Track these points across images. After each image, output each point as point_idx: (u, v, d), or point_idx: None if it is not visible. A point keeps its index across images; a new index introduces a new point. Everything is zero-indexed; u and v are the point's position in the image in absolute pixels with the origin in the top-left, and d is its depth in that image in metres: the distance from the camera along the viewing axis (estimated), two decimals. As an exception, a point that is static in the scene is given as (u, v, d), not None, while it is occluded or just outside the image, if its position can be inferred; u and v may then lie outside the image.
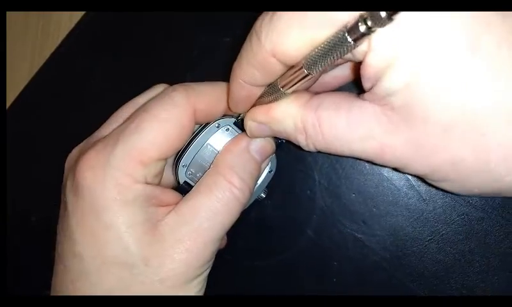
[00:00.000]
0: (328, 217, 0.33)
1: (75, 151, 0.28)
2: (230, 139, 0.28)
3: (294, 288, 0.34)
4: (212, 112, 0.27)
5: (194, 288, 0.26)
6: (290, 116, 0.24)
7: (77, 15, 0.39)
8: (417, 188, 0.31)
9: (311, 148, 0.25)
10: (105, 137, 0.26)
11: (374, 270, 0.32)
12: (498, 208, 0.30)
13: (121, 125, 0.27)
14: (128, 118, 0.27)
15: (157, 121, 0.25)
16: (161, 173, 0.27)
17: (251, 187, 0.27)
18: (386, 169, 0.32)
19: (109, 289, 0.25)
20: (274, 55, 0.22)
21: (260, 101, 0.26)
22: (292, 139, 0.25)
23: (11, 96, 0.41)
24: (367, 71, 0.20)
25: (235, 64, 0.25)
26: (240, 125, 0.28)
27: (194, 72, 0.35)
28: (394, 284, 0.32)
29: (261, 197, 0.32)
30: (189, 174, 0.28)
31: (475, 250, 0.31)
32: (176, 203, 0.26)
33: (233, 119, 0.28)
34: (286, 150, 0.33)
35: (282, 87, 0.23)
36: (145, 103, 0.27)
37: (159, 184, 0.27)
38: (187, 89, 0.26)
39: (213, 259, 0.27)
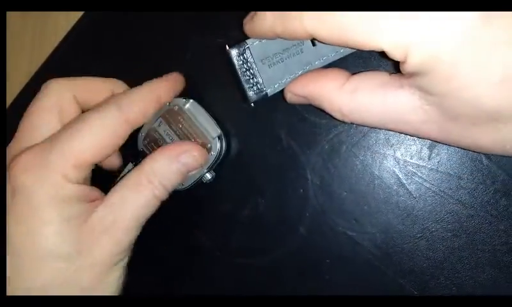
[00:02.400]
0: (320, 215, 0.33)
1: (8, 155, 0.30)
2: (177, 117, 0.32)
3: (286, 286, 0.34)
4: (146, 114, 0.31)
5: (117, 272, 0.29)
6: (326, 97, 0.27)
7: (74, 17, 0.39)
8: (407, 187, 0.32)
9: (346, 121, 0.27)
10: (42, 141, 0.29)
11: (365, 267, 0.33)
12: (487, 205, 0.31)
13: (59, 131, 0.30)
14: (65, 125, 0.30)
15: (90, 130, 0.29)
16: (90, 174, 0.31)
17: (170, 188, 0.30)
18: (377, 168, 0.32)
19: (45, 282, 0.27)
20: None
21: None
22: (328, 112, 0.27)
23: (8, 99, 0.41)
24: (407, 70, 0.23)
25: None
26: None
27: (188, 72, 0.35)
28: (385, 280, 0.32)
29: (208, 180, 0.33)
30: (145, 143, 0.33)
31: (464, 247, 0.31)
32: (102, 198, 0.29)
33: (183, 101, 0.32)
34: (278, 149, 0.33)
35: None
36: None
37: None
38: (118, 101, 0.30)
39: (132, 248, 0.30)
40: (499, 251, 0.31)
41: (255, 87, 0.29)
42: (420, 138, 0.29)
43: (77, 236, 0.27)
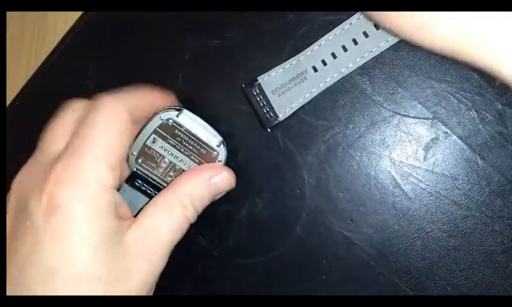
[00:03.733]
0: (316, 215, 0.34)
1: (22, 174, 0.29)
2: (174, 131, 0.31)
3: (283, 285, 0.34)
4: (145, 109, 0.30)
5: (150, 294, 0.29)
6: None
7: (73, 18, 0.39)
8: (403, 187, 0.32)
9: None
10: (60, 155, 0.27)
11: (361, 267, 0.33)
12: (482, 206, 0.31)
13: (68, 143, 0.28)
14: (72, 136, 0.28)
15: (105, 129, 0.27)
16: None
17: (200, 211, 0.30)
18: (373, 169, 0.32)
19: None
20: None
21: None
22: None
23: (8, 98, 0.42)
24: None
25: None
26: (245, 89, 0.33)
27: (186, 73, 0.36)
28: (381, 280, 0.33)
29: None
30: (140, 162, 0.31)
31: (460, 247, 0.32)
32: (131, 217, 0.29)
33: (176, 112, 0.30)
34: (275, 150, 0.34)
35: None
36: (81, 121, 0.28)
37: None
38: (113, 95, 0.29)
39: None
40: (494, 252, 0.31)
41: (268, 115, 0.33)
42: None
43: (114, 259, 0.26)
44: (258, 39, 0.33)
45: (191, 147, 0.31)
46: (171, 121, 0.30)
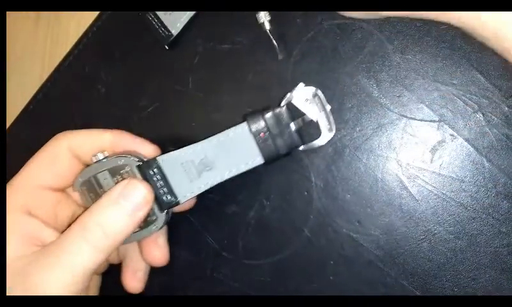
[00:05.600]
0: (324, 217, 0.34)
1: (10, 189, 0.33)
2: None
3: (291, 286, 0.35)
4: (90, 147, 0.32)
5: None
6: None
7: (85, 23, 0.40)
8: (410, 189, 0.32)
9: None
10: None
11: (368, 268, 0.33)
12: (488, 208, 0.31)
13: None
14: None
15: (37, 159, 0.32)
16: (45, 206, 0.32)
17: (109, 233, 0.28)
18: (380, 171, 0.33)
19: None
20: None
21: None
22: None
23: (22, 103, 0.43)
24: None
25: None
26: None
27: (195, 76, 0.36)
28: (388, 282, 0.33)
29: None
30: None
31: (466, 249, 0.32)
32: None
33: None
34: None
35: None
36: None
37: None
38: (62, 133, 0.33)
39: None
40: (501, 253, 0.31)
41: None
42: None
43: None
44: (266, 43, 0.34)
45: None
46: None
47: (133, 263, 0.35)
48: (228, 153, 0.31)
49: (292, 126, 0.31)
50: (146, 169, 0.31)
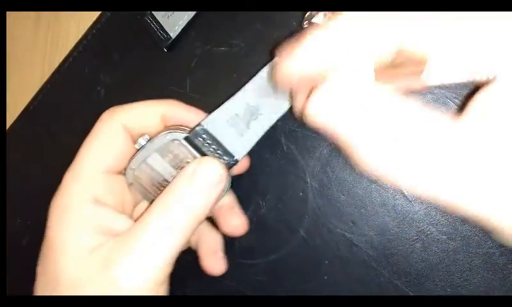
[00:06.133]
0: (319, 217, 0.34)
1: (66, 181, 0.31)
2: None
3: (286, 285, 0.35)
4: (143, 122, 0.30)
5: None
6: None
7: (85, 25, 0.41)
8: (403, 191, 0.33)
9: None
10: None
11: (362, 268, 0.34)
12: (481, 209, 0.32)
13: None
14: None
15: (95, 141, 0.29)
16: (113, 191, 0.30)
17: (191, 216, 0.27)
18: (375, 172, 0.33)
19: None
20: None
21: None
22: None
23: (22, 104, 0.43)
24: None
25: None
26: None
27: (193, 79, 0.37)
28: (382, 282, 0.33)
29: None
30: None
31: (459, 250, 0.32)
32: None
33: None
34: (279, 154, 0.35)
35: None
36: None
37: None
38: (113, 109, 0.30)
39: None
40: (493, 254, 0.32)
41: None
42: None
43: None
44: (262, 46, 0.34)
45: None
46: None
47: (210, 245, 0.34)
48: (268, 94, 0.29)
49: None
50: (195, 138, 0.29)
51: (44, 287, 0.28)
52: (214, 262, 0.34)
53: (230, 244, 0.36)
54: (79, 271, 0.26)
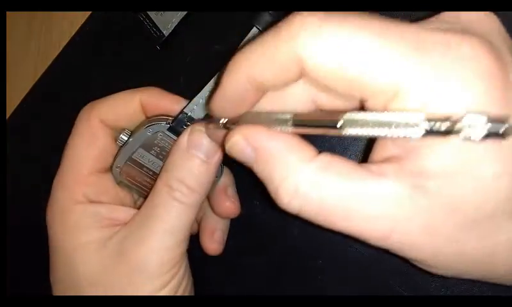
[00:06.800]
0: (313, 217, 0.34)
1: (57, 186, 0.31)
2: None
3: (280, 285, 0.35)
4: (122, 114, 0.30)
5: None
6: (282, 164, 0.20)
7: (78, 23, 0.41)
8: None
9: (291, 208, 0.21)
10: None
11: (357, 268, 0.33)
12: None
13: None
14: None
15: (76, 143, 0.29)
16: (105, 189, 0.30)
17: (193, 186, 0.27)
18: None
19: None
20: (302, 64, 0.19)
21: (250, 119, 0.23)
22: (269, 188, 0.22)
23: (15, 102, 0.43)
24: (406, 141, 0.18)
25: (242, 55, 0.22)
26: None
27: (186, 76, 0.37)
28: (377, 281, 0.33)
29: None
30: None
31: (454, 249, 0.32)
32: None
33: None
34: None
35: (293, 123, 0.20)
36: None
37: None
38: (90, 105, 0.30)
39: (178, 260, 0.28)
40: (488, 254, 0.31)
41: None
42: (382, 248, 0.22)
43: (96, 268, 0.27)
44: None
45: None
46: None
47: (209, 224, 0.34)
48: None
49: None
50: (180, 127, 0.28)
51: (65, 293, 0.28)
52: (211, 243, 0.34)
53: (225, 243, 0.36)
54: (96, 265, 0.27)
